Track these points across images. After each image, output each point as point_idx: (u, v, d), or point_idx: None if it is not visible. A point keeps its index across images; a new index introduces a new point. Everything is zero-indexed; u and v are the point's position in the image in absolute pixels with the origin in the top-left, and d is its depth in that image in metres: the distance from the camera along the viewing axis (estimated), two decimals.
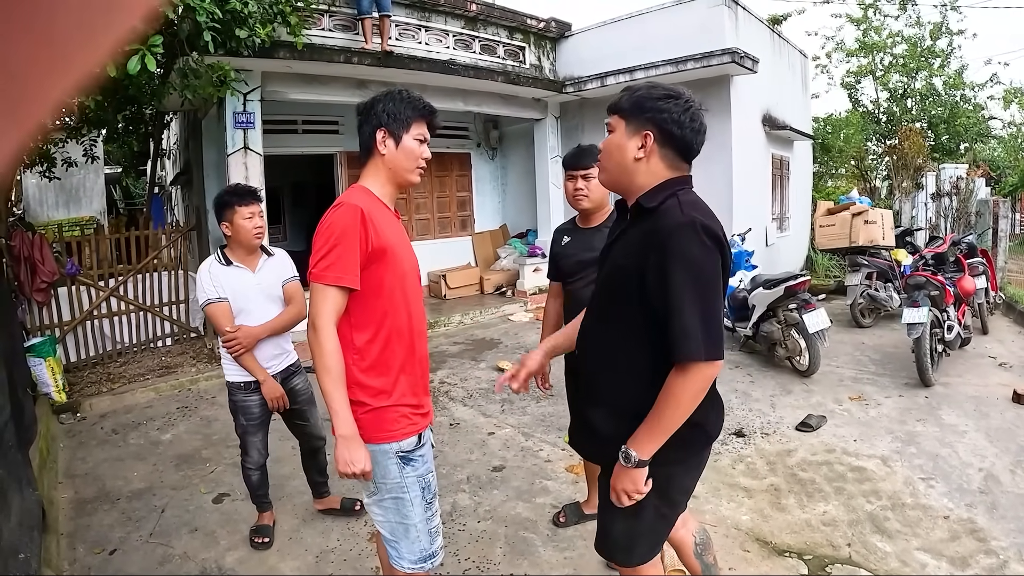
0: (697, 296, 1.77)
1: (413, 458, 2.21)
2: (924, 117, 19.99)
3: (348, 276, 2.05)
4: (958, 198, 12.64)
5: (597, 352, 2.09)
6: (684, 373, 1.78)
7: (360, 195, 2.17)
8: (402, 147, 2.20)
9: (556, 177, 10.85)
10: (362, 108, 2.24)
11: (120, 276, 7.57)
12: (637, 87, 1.97)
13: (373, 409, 2.15)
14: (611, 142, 1.98)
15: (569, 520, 3.65)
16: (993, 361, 6.63)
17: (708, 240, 1.80)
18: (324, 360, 2.04)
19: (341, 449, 2.04)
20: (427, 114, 2.24)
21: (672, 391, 1.80)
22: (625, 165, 1.94)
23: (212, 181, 8.04)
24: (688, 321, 1.76)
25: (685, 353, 1.77)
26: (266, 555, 3.48)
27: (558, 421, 5.23)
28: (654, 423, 1.84)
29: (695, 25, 8.81)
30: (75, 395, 6.24)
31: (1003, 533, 3.44)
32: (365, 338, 2.15)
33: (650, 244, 1.84)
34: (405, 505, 2.20)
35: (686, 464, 2.04)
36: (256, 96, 7.18)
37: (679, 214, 1.82)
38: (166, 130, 10.96)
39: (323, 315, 2.05)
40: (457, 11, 9.26)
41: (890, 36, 19.91)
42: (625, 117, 1.94)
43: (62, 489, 4.38)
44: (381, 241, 2.10)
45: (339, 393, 2.05)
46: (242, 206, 3.32)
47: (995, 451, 4.46)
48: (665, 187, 1.91)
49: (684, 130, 1.89)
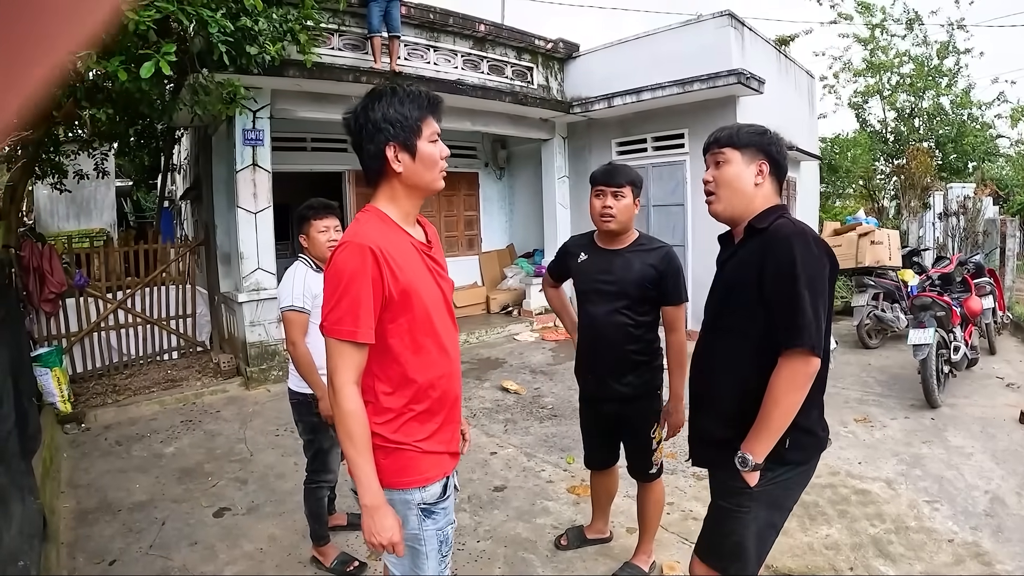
0: (808, 295, 1.93)
1: (435, 511, 1.99)
2: (931, 136, 19.97)
3: (362, 330, 1.78)
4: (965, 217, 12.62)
5: (708, 361, 2.24)
6: (788, 364, 1.94)
7: (371, 227, 1.85)
8: (419, 157, 1.87)
9: (563, 197, 10.88)
10: (356, 123, 1.90)
11: (128, 289, 7.63)
12: (730, 127, 2.26)
13: (395, 450, 1.92)
14: (729, 172, 2.18)
15: (571, 543, 3.63)
16: (1000, 382, 6.60)
17: (818, 248, 2.01)
18: (345, 425, 1.79)
19: (367, 520, 1.82)
20: (435, 107, 1.93)
21: (776, 385, 1.95)
22: (746, 191, 2.16)
23: (221, 196, 8.10)
24: (798, 316, 1.92)
25: (794, 343, 1.93)
26: (265, 569, 3.49)
27: (560, 442, 5.22)
28: (763, 424, 1.98)
29: (702, 46, 8.85)
30: (80, 406, 6.27)
31: (1008, 556, 3.42)
32: (388, 389, 1.91)
33: (765, 251, 2.03)
34: (419, 557, 2.00)
35: (802, 467, 2.14)
36: (265, 114, 7.25)
37: (792, 227, 2.04)
38: (177, 145, 11.06)
39: (340, 374, 1.80)
40: (466, 31, 9.34)
41: (897, 56, 19.93)
42: (740, 149, 2.17)
43: (64, 499, 4.40)
44: (401, 283, 1.82)
45: (363, 461, 1.81)
46: (318, 219, 3.41)
47: (1002, 473, 4.43)
48: (772, 211, 2.14)
49: (784, 159, 2.21)
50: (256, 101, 7.00)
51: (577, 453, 3.75)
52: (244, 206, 7.15)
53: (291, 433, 5.52)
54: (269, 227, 7.39)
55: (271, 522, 4.02)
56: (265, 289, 7.28)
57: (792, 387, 1.94)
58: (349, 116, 1.93)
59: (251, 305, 7.19)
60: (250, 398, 6.74)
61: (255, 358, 7.17)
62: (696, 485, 4.38)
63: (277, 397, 6.73)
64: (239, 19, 5.31)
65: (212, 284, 8.47)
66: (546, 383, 7.14)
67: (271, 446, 5.31)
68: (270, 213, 7.39)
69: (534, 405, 6.29)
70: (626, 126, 10.10)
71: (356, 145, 1.92)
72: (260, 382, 7.10)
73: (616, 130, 10.24)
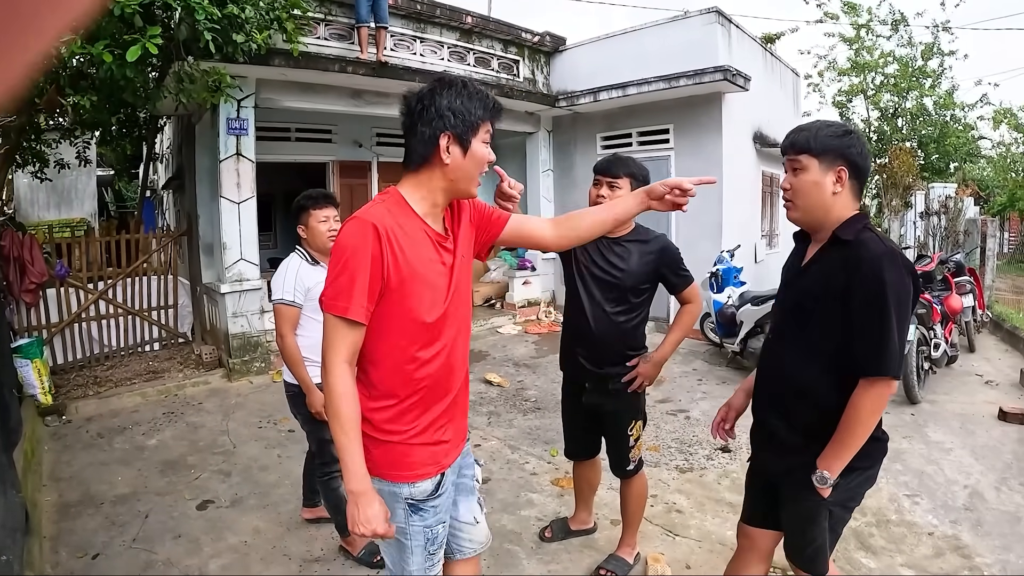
0: (897, 320, 1.93)
1: (424, 508, 1.91)
2: (914, 136, 20.20)
3: (354, 308, 1.72)
4: (947, 217, 12.77)
5: (789, 372, 2.21)
6: (874, 389, 1.96)
7: (384, 207, 1.81)
8: (471, 154, 1.82)
9: (547, 191, 10.89)
10: (416, 104, 1.81)
11: (109, 279, 7.55)
12: (809, 127, 2.13)
13: (385, 441, 1.86)
14: (806, 180, 2.10)
15: (555, 535, 3.64)
16: (980, 379, 6.70)
17: (906, 270, 1.98)
18: (333, 404, 1.73)
19: (352, 507, 1.76)
20: (497, 113, 1.89)
21: (863, 407, 1.97)
22: (824, 200, 2.09)
23: (204, 186, 8.02)
24: (887, 344, 1.93)
25: (884, 370, 1.94)
26: (249, 562, 3.47)
27: (544, 434, 5.24)
28: (844, 442, 2.00)
29: (688, 42, 8.88)
30: (61, 398, 6.20)
31: (988, 550, 3.48)
32: (381, 375, 1.86)
33: (853, 270, 1.99)
34: (404, 550, 1.94)
35: (869, 472, 2.18)
36: (250, 103, 7.18)
37: (880, 245, 2.00)
38: (160, 134, 10.93)
39: (331, 351, 1.75)
40: (453, 23, 9.30)
41: (882, 56, 20.12)
42: (817, 155, 2.07)
43: (46, 492, 4.35)
44: (403, 266, 1.76)
45: (349, 443, 1.74)
46: (316, 209, 3.33)
47: (980, 468, 4.51)
48: (856, 220, 2.08)
49: (865, 161, 2.10)
50: (241, 90, 6.94)
51: (560, 445, 3.76)
52: (227, 196, 7.09)
53: (274, 425, 5.52)
54: (252, 217, 7.33)
55: (255, 515, 4.00)
56: (248, 280, 7.24)
57: (875, 411, 1.98)
58: (411, 95, 1.85)
59: (233, 296, 7.13)
60: (232, 390, 6.70)
61: (237, 349, 7.13)
62: (679, 478, 4.42)
63: (260, 389, 6.71)
64: (226, 6, 5.25)
65: (194, 275, 8.40)
66: (529, 376, 7.15)
67: (254, 438, 5.28)
68: (253, 203, 7.33)
69: (517, 398, 6.30)
70: (611, 120, 10.11)
71: (408, 125, 1.84)
72: (242, 374, 7.05)
73: (601, 124, 10.26)
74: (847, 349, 2.01)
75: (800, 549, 2.25)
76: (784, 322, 2.29)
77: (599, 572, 3.29)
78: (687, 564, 3.41)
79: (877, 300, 1.93)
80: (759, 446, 2.41)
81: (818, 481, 2.04)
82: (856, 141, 2.08)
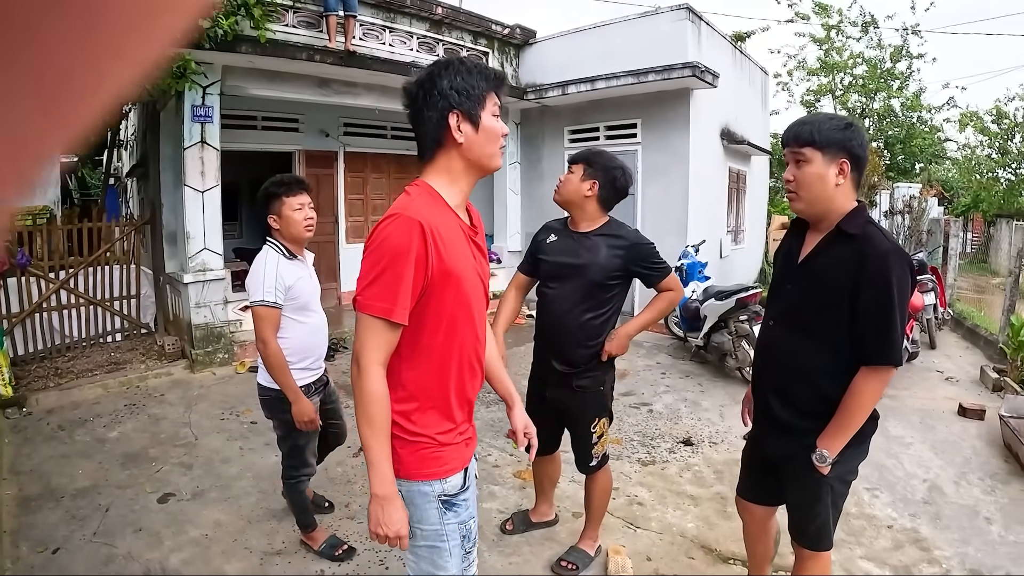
0: (900, 312, 2.09)
1: (456, 503, 1.89)
2: (881, 137, 20.55)
3: (398, 309, 1.68)
4: (911, 216, 13.01)
5: (786, 358, 2.34)
6: (878, 376, 2.13)
7: (423, 202, 1.77)
8: (483, 128, 1.79)
9: (514, 183, 10.87)
10: (418, 91, 1.79)
11: (71, 268, 7.41)
12: (812, 120, 2.23)
13: (414, 441, 1.83)
14: (811, 172, 2.19)
15: (516, 528, 3.68)
16: (940, 375, 6.86)
17: (908, 265, 2.13)
18: (366, 406, 1.71)
19: (376, 509, 1.73)
20: (500, 83, 1.86)
21: (866, 393, 2.13)
22: (828, 192, 2.19)
23: (168, 174, 7.89)
24: (891, 334, 2.09)
25: (889, 359, 2.11)
26: (211, 556, 3.46)
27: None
28: (845, 424, 2.17)
29: (657, 38, 8.93)
30: (21, 389, 6.09)
31: (946, 543, 3.59)
32: (415, 376, 1.83)
33: (862, 265, 2.10)
34: (442, 555, 1.88)
35: (863, 445, 2.31)
36: (216, 90, 7.09)
37: (885, 241, 2.14)
38: (124, 120, 10.76)
39: (368, 352, 1.72)
40: (423, 13, 9.25)
41: (851, 57, 20.43)
42: (820, 148, 2.16)
43: (6, 486, 4.28)
44: (445, 264, 1.73)
45: (379, 446, 1.72)
46: (290, 196, 3.12)
47: (940, 463, 4.63)
48: (858, 213, 2.21)
49: (865, 152, 2.21)
50: (206, 76, 6.85)
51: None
52: (191, 184, 7.00)
53: (236, 417, 5.49)
54: (217, 206, 7.25)
55: (217, 508, 3.99)
56: (212, 270, 7.16)
57: (876, 396, 2.15)
58: (410, 84, 1.82)
59: (197, 286, 7.05)
60: (195, 381, 6.63)
61: (200, 340, 7.05)
62: (641, 471, 4.47)
63: (223, 380, 6.65)
64: None
65: (157, 264, 8.27)
66: None
67: (216, 430, 5.24)
68: (218, 192, 7.26)
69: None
70: (579, 114, 10.13)
71: (415, 114, 1.81)
72: (205, 365, 6.98)
73: (569, 118, 10.27)
74: (850, 338, 2.15)
75: (805, 527, 2.40)
76: (786, 310, 2.38)
77: (560, 564, 3.33)
78: (648, 556, 3.46)
79: (884, 295, 2.07)
80: (760, 428, 2.53)
81: (818, 460, 2.19)
82: (857, 134, 2.19)
